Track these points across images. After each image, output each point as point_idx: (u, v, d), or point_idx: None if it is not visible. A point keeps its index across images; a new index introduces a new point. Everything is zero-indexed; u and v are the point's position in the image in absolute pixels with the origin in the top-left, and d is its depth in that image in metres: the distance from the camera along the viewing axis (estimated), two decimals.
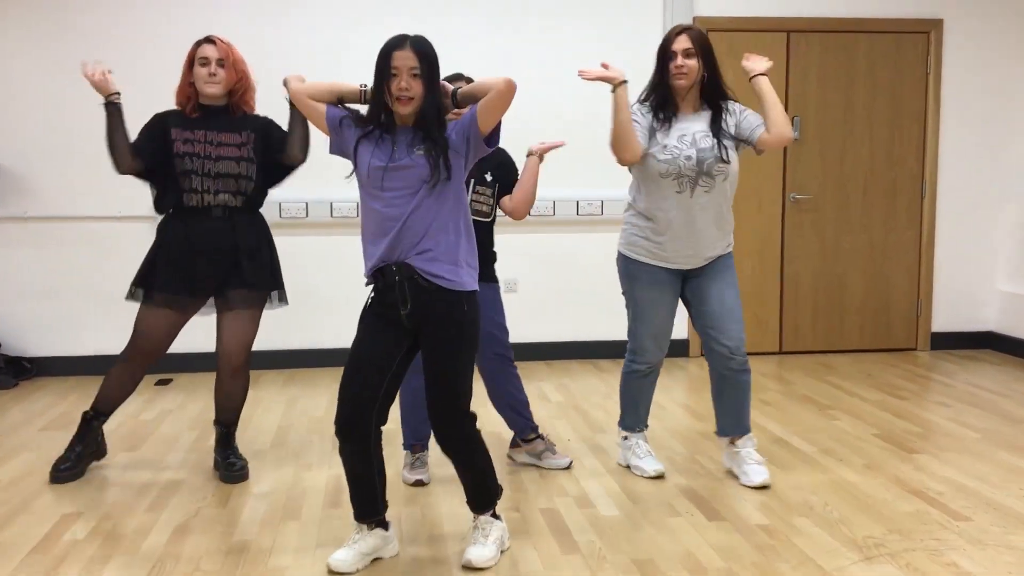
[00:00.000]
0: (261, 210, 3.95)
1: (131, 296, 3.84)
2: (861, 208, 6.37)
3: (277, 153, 3.80)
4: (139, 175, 3.81)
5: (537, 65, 5.93)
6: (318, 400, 5.17)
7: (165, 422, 4.74)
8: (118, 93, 3.73)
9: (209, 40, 3.76)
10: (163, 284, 3.77)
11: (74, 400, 5.22)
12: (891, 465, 3.99)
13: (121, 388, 3.91)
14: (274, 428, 4.65)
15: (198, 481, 3.86)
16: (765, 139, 3.67)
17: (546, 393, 5.34)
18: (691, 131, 3.62)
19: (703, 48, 3.62)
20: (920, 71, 6.33)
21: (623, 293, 3.92)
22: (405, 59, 2.79)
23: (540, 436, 4.03)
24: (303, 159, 3.83)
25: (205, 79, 3.71)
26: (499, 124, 2.89)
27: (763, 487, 3.71)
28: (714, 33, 6.08)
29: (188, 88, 3.75)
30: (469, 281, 2.92)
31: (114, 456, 4.20)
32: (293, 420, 4.80)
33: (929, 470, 3.92)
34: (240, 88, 3.78)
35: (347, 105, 2.95)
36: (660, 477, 3.84)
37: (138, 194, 5.66)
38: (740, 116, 3.72)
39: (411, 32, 2.90)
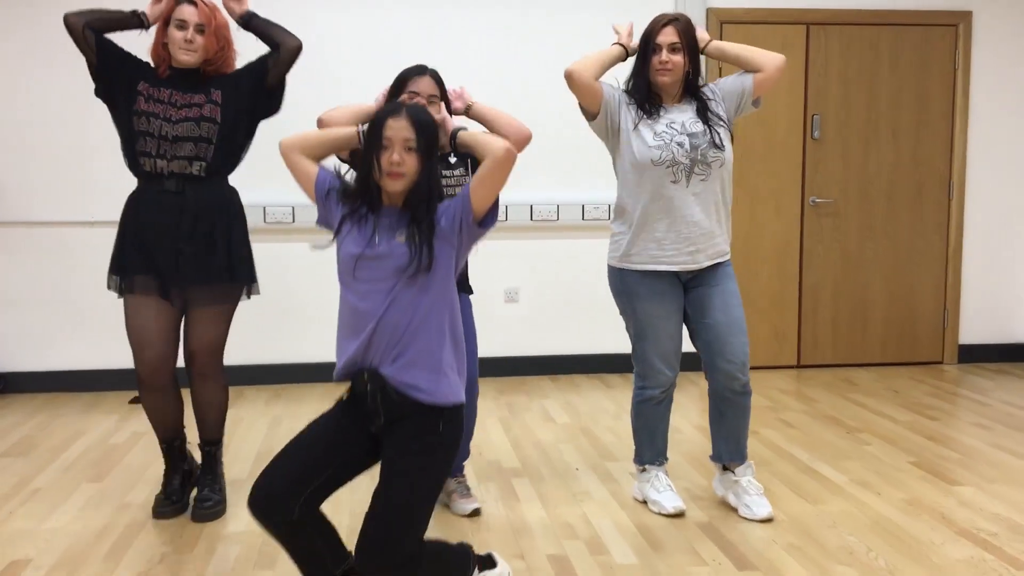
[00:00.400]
0: (246, 199, 3.51)
1: (110, 285, 3.41)
2: (885, 212, 5.99)
3: (263, 72, 3.39)
4: (88, 51, 3.33)
5: (543, 58, 5.56)
6: (304, 420, 4.72)
7: (136, 447, 4.35)
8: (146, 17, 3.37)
9: (190, 0, 3.32)
10: (129, 266, 3.35)
11: (41, 421, 4.82)
12: (934, 499, 3.60)
13: (161, 415, 3.48)
14: (254, 453, 4.26)
15: (166, 519, 3.46)
16: (760, 77, 3.39)
17: (551, 413, 4.95)
18: (679, 120, 3.34)
19: (690, 42, 3.32)
20: (948, 66, 5.95)
21: (621, 313, 3.55)
22: (400, 130, 2.41)
23: (458, 475, 3.58)
24: (296, 41, 3.40)
25: (180, 45, 3.29)
26: (496, 202, 2.49)
27: (767, 520, 3.37)
28: (729, 25, 5.74)
29: (161, 50, 3.34)
30: (451, 392, 2.46)
31: (76, 488, 3.81)
32: (275, 444, 4.39)
33: (977, 505, 3.54)
34: (220, 58, 3.37)
35: (342, 157, 2.60)
36: (680, 515, 3.45)
37: (112, 198, 5.32)
38: (720, 89, 3.44)
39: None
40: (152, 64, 3.38)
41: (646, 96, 3.36)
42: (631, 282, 3.44)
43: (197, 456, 3.63)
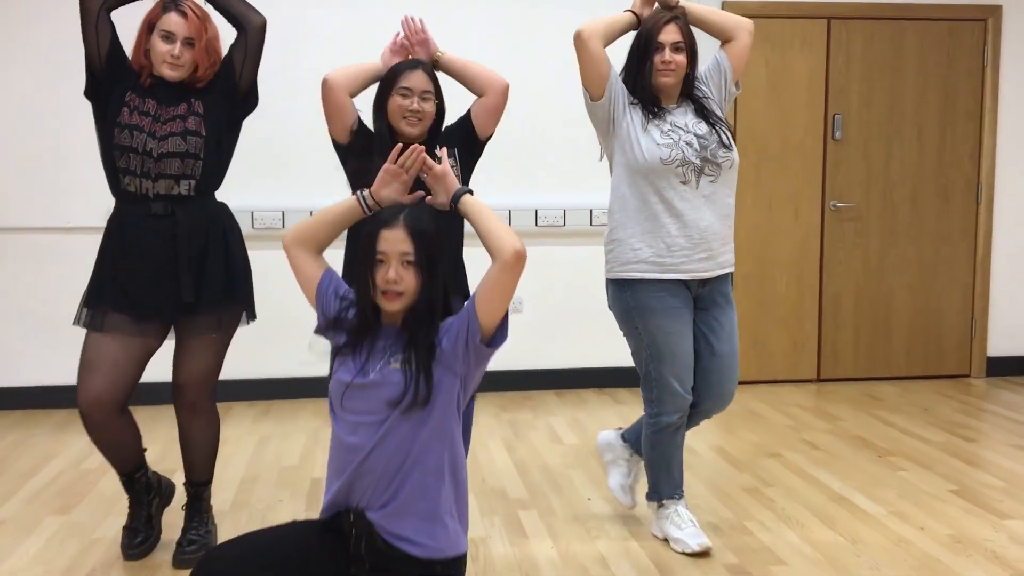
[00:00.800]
0: (233, 209, 3.16)
1: (77, 319, 3.03)
2: (909, 217, 5.67)
3: (232, 71, 3.01)
4: (96, 38, 2.91)
5: (547, 55, 5.23)
6: (293, 442, 4.45)
7: (109, 473, 3.98)
8: None
9: (178, 7, 2.91)
10: (105, 299, 2.98)
11: (11, 442, 4.50)
12: (983, 535, 3.28)
13: (115, 449, 3.08)
14: (237, 480, 3.93)
15: (137, 560, 3.13)
16: (736, 50, 3.19)
17: (558, 433, 4.62)
18: (681, 121, 3.11)
19: (691, 40, 3.09)
20: (976, 63, 5.63)
21: (628, 335, 3.22)
22: (396, 242, 2.10)
23: None
24: (260, 17, 3.02)
25: (165, 59, 2.89)
26: (506, 317, 2.15)
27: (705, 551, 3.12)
28: None
29: (143, 59, 2.94)
30: (448, 545, 2.13)
31: (41, 520, 3.49)
32: (261, 470, 4.08)
33: None
34: (209, 74, 2.98)
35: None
36: (706, 553, 3.13)
37: (89, 201, 5.03)
38: (706, 75, 3.21)
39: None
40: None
41: (650, 98, 3.10)
42: (642, 296, 3.12)
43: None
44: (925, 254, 5.71)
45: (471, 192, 2.27)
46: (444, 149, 2.40)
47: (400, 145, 2.34)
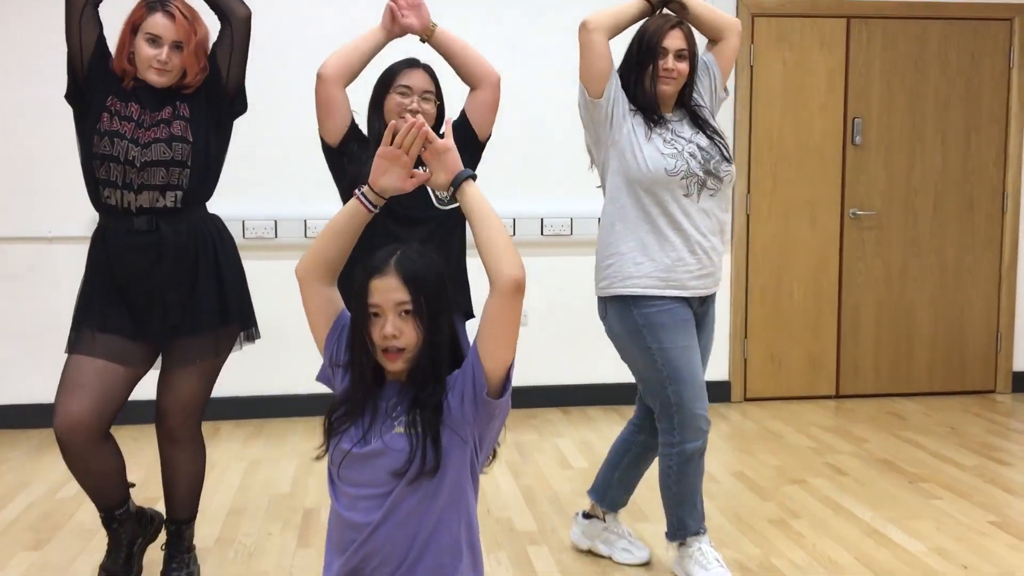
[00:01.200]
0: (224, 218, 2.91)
1: (69, 347, 2.75)
2: (932, 226, 5.41)
3: (216, 70, 2.74)
4: (80, 34, 2.65)
5: (551, 56, 4.98)
6: (285, 466, 4.18)
7: (87, 503, 3.73)
8: None
9: (165, 8, 2.64)
10: (91, 319, 2.72)
11: None
12: None
13: (94, 480, 2.77)
14: (224, 511, 3.65)
15: None
16: (726, 54, 3.02)
17: (566, 455, 4.35)
18: (682, 130, 2.91)
19: (694, 50, 2.89)
20: (1002, 64, 5.38)
21: (637, 358, 2.94)
22: (388, 292, 1.81)
23: None
24: (245, 8, 2.74)
25: (152, 64, 2.62)
26: (511, 369, 1.86)
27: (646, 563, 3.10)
28: (761, 19, 5.17)
29: (126, 63, 2.67)
30: None
31: (12, 556, 3.22)
32: (250, 499, 3.80)
33: None
34: (198, 80, 2.71)
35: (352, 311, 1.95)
36: None
37: (71, 210, 4.75)
38: (699, 81, 3.02)
39: None
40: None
41: (652, 106, 2.89)
42: (651, 311, 2.87)
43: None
44: (948, 264, 5.45)
45: (475, 177, 1.95)
46: (450, 121, 2.08)
47: (394, 122, 2.01)
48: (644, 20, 2.94)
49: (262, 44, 2.85)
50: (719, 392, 5.27)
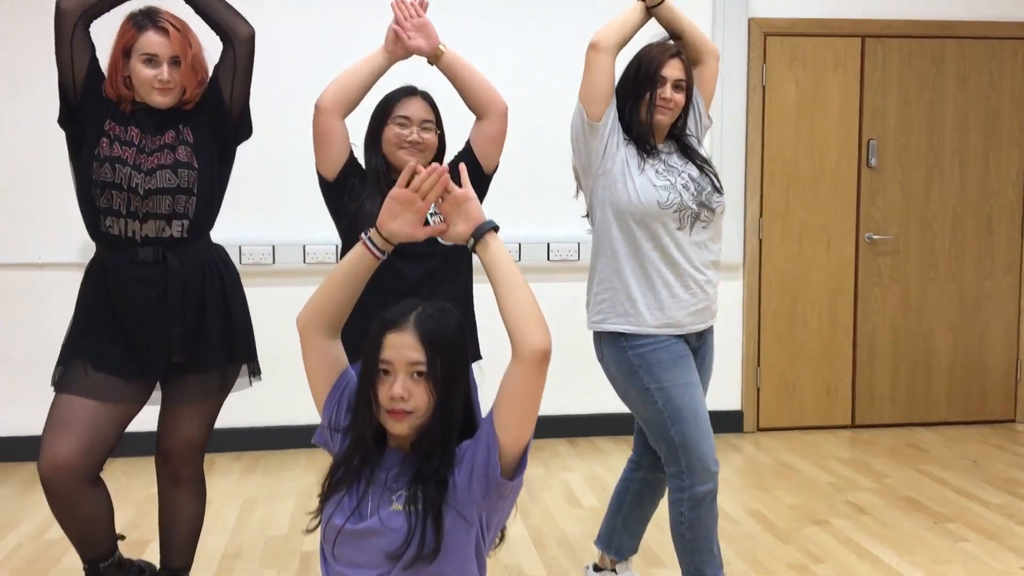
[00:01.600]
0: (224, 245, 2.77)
1: (54, 380, 2.61)
2: (950, 250, 5.26)
3: (219, 93, 2.61)
4: (71, 56, 2.52)
5: (557, 73, 4.83)
6: (283, 504, 4.01)
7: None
8: None
9: (156, 24, 2.51)
10: (83, 355, 2.56)
11: None
12: None
13: (80, 526, 2.60)
14: (218, 555, 3.48)
15: None
16: (700, 73, 2.91)
17: (575, 492, 4.19)
18: (671, 162, 2.82)
19: (691, 82, 2.84)
20: (1020, 84, 5.25)
21: (635, 400, 2.83)
22: (403, 349, 1.66)
23: None
24: (248, 28, 2.62)
25: (153, 85, 2.49)
26: (528, 447, 1.71)
27: None
28: (774, 38, 5.03)
29: (121, 86, 2.52)
30: None
31: None
32: (245, 541, 3.64)
33: None
34: (196, 95, 2.58)
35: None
36: None
37: (60, 236, 4.61)
38: (694, 119, 2.92)
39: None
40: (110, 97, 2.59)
41: (646, 135, 2.78)
42: (646, 350, 2.74)
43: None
44: (967, 290, 5.29)
45: (497, 229, 1.78)
46: (463, 165, 1.93)
47: (413, 163, 1.83)
48: (641, 49, 2.82)
49: (258, 64, 2.70)
50: (731, 422, 5.11)
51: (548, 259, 4.99)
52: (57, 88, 2.57)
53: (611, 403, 4.97)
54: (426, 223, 1.81)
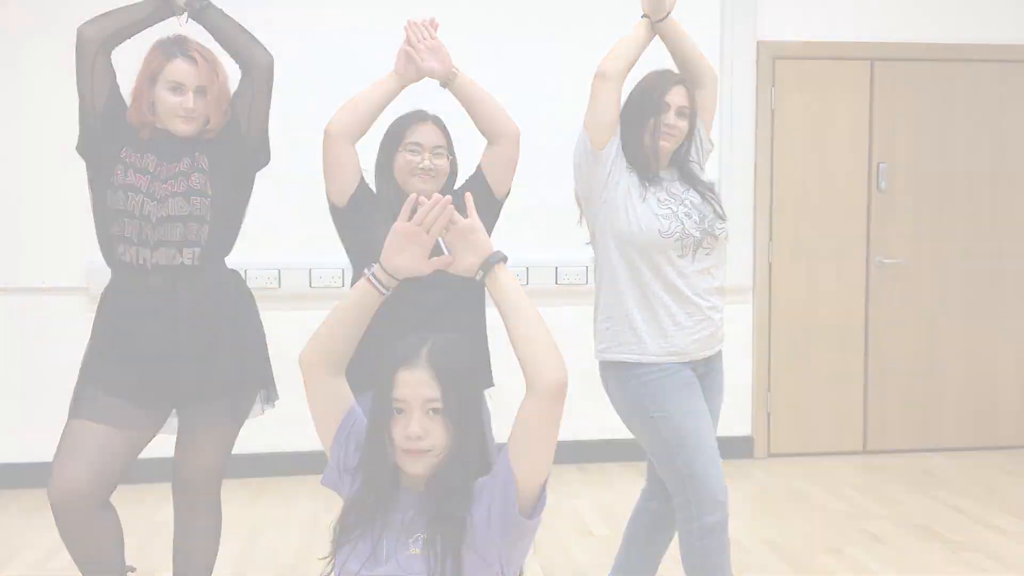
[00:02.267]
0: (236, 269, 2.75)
1: (72, 409, 2.57)
2: (961, 275, 5.23)
3: (236, 122, 2.60)
4: (94, 82, 2.52)
5: (564, 88, 4.80)
6: (289, 534, 3.96)
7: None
8: None
9: (184, 52, 2.52)
10: (97, 382, 2.55)
11: None
12: None
13: (89, 551, 2.55)
14: None
15: None
16: (700, 99, 2.85)
17: (586, 521, 4.13)
18: (676, 189, 2.80)
19: (695, 109, 2.82)
20: None
21: (641, 430, 2.79)
22: (417, 386, 1.62)
23: None
24: (267, 56, 2.61)
25: (177, 113, 2.50)
26: (546, 484, 1.66)
27: None
28: (783, 62, 5.02)
29: (145, 112, 2.52)
30: None
31: None
32: (251, 572, 3.58)
33: None
34: (219, 124, 2.57)
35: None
36: None
37: (65, 259, 4.58)
38: (696, 145, 2.90)
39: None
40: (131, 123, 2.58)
41: (648, 162, 2.75)
42: (651, 378, 2.71)
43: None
44: (978, 315, 5.25)
45: (505, 260, 1.74)
46: (469, 194, 1.87)
47: (415, 196, 1.79)
48: (644, 76, 2.80)
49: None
50: (741, 448, 5.06)
51: (556, 283, 4.95)
52: (77, 115, 2.56)
53: (621, 428, 4.95)
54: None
